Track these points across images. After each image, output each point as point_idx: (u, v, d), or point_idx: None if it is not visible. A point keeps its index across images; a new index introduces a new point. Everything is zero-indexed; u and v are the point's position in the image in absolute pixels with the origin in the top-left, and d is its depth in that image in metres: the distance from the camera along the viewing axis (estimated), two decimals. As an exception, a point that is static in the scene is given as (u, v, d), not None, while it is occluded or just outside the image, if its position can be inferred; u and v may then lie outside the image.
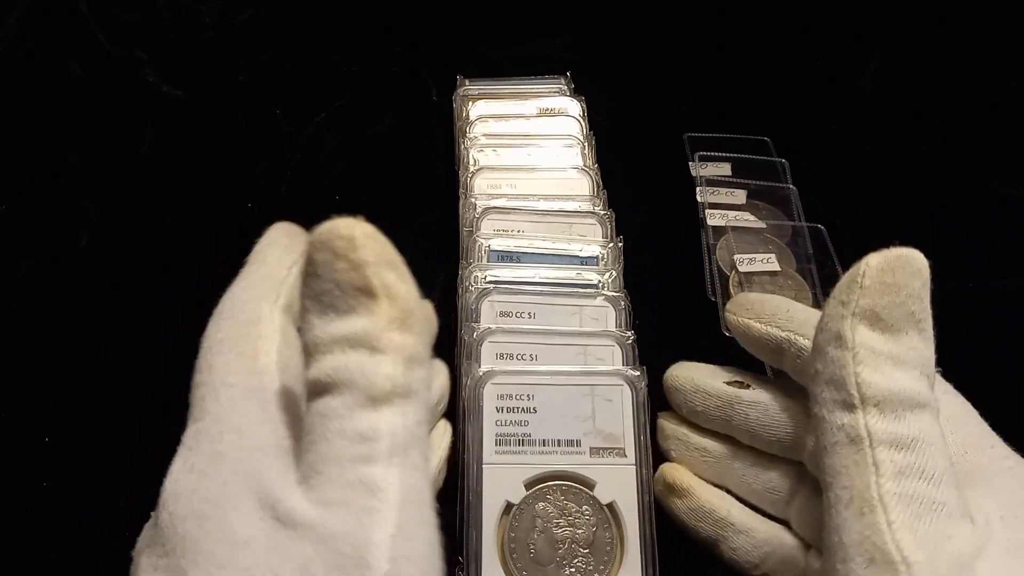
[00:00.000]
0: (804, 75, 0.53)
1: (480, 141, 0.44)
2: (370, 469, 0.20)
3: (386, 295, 0.21)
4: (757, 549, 0.30)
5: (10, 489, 0.33)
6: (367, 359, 0.21)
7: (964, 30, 0.57)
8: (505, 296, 0.36)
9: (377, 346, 0.21)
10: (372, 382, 0.21)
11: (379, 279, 0.21)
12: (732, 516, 0.30)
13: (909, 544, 0.21)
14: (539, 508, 0.31)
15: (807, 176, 0.45)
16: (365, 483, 0.20)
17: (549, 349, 0.34)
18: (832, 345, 0.24)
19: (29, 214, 0.43)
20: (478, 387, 0.32)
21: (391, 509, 0.20)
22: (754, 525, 0.30)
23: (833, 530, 0.23)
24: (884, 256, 0.24)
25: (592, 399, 0.33)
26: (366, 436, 0.21)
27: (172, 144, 0.47)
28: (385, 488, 0.20)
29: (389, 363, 0.21)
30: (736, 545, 0.30)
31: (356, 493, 0.20)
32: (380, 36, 0.53)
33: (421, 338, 0.22)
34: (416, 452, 0.21)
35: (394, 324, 0.22)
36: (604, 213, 0.40)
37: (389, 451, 0.21)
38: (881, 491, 0.22)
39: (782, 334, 0.29)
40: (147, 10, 0.54)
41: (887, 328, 0.24)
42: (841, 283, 0.25)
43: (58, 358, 0.38)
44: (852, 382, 0.24)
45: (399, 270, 0.22)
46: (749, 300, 0.31)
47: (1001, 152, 0.49)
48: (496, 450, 0.31)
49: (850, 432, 0.23)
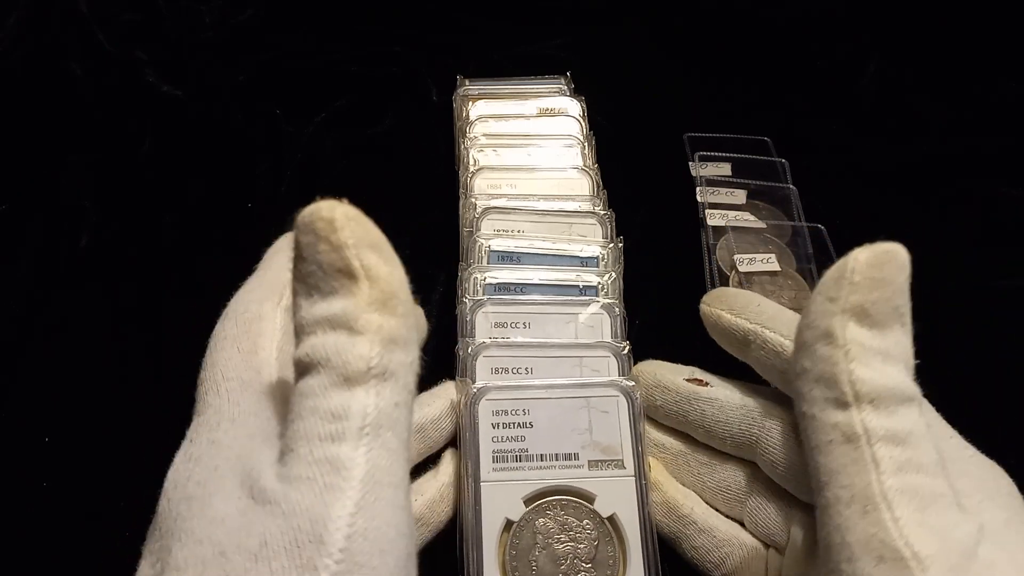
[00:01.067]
0: (804, 75, 0.53)
1: (480, 141, 0.44)
2: (338, 447, 0.20)
3: (366, 276, 0.22)
4: (718, 549, 0.30)
5: (10, 489, 0.33)
6: (344, 339, 0.21)
7: (964, 30, 0.57)
8: (499, 307, 0.36)
9: (355, 327, 0.21)
10: (346, 361, 0.21)
11: (359, 260, 0.21)
12: (694, 514, 0.31)
13: (918, 539, 0.21)
14: (539, 524, 0.30)
15: (807, 176, 0.45)
16: (331, 461, 0.20)
17: (544, 362, 0.34)
18: (821, 342, 0.24)
19: (29, 214, 0.43)
20: (473, 404, 0.32)
21: (354, 487, 0.20)
22: (715, 524, 0.31)
23: (834, 530, 0.23)
24: (872, 251, 0.24)
25: (588, 411, 0.32)
26: (337, 415, 0.21)
27: (172, 144, 0.47)
28: (350, 466, 0.20)
29: (366, 343, 0.21)
30: (698, 544, 0.31)
31: (321, 470, 0.20)
32: (380, 36, 0.53)
33: (404, 320, 0.22)
34: (390, 434, 0.21)
35: (374, 305, 0.22)
36: (604, 213, 0.40)
37: (359, 430, 0.21)
38: (883, 488, 0.22)
39: (749, 326, 0.30)
40: (147, 10, 0.54)
41: (875, 324, 0.24)
42: (827, 279, 0.25)
43: (58, 358, 0.38)
44: (845, 380, 0.23)
45: (382, 251, 0.22)
46: (724, 292, 0.32)
47: (1001, 152, 0.49)
48: (494, 467, 0.31)
49: (845, 430, 0.23)
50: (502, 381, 0.33)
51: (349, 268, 0.21)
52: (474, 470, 0.31)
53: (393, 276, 0.22)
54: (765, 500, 0.30)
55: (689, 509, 0.31)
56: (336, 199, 0.22)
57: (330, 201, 0.22)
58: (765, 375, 0.30)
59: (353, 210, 0.22)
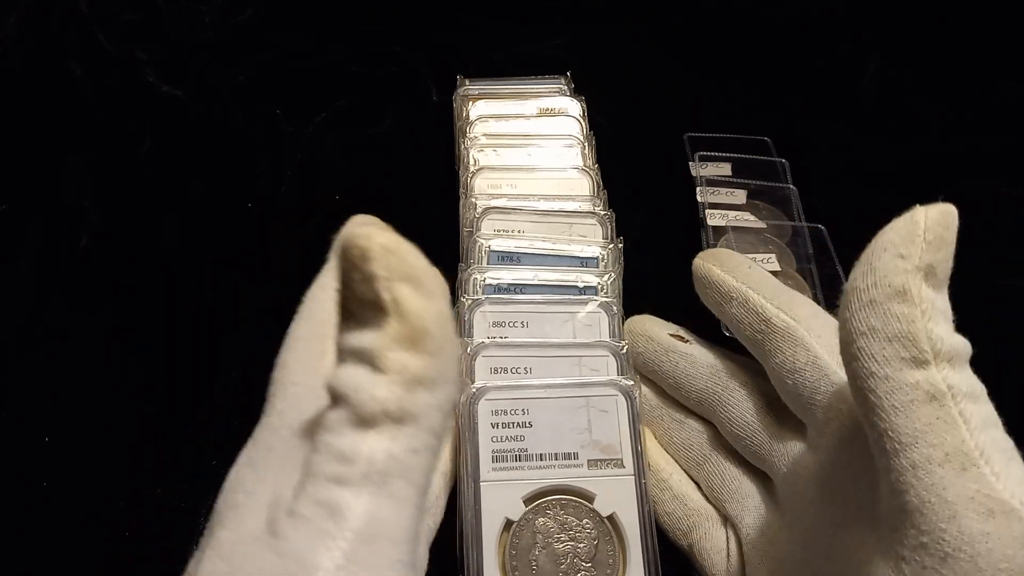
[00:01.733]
0: (804, 75, 0.53)
1: (480, 141, 0.44)
2: (340, 491, 0.20)
3: (395, 311, 0.20)
4: (687, 518, 0.32)
5: (10, 489, 0.33)
6: (365, 376, 0.20)
7: (964, 30, 0.57)
8: (497, 306, 0.36)
9: (378, 364, 0.20)
10: (362, 401, 0.20)
11: (389, 294, 0.20)
12: (671, 480, 0.33)
13: (1021, 490, 0.21)
14: (539, 524, 0.30)
15: (807, 176, 0.45)
16: (331, 505, 0.19)
17: (543, 361, 0.34)
18: (895, 300, 0.23)
19: (29, 214, 0.43)
20: (472, 404, 0.32)
21: (347, 538, 0.19)
22: (688, 494, 0.33)
23: (927, 489, 0.22)
24: (939, 211, 0.24)
25: (587, 411, 0.32)
26: (345, 456, 0.20)
27: (172, 144, 0.47)
28: (348, 515, 0.19)
29: (385, 384, 0.20)
30: (670, 510, 0.33)
31: (321, 513, 0.19)
32: (380, 36, 0.53)
33: (434, 359, 0.21)
34: (402, 482, 0.20)
35: (401, 343, 0.20)
36: (604, 213, 0.40)
37: (363, 476, 0.20)
38: (978, 443, 0.22)
39: (735, 283, 0.32)
40: (147, 10, 0.54)
41: (937, 284, 0.24)
42: (894, 236, 0.24)
43: (58, 358, 0.38)
44: (924, 337, 0.23)
45: (418, 284, 0.20)
46: (718, 252, 0.34)
47: (1001, 152, 0.49)
48: (493, 467, 0.31)
49: (928, 388, 0.23)
50: (501, 381, 0.33)
51: (379, 301, 0.20)
52: (474, 470, 0.31)
53: (427, 311, 0.21)
54: (722, 465, 0.32)
55: (668, 475, 0.33)
56: (377, 223, 0.21)
57: (365, 227, 0.20)
58: (737, 334, 0.32)
59: (390, 237, 0.20)
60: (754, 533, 0.30)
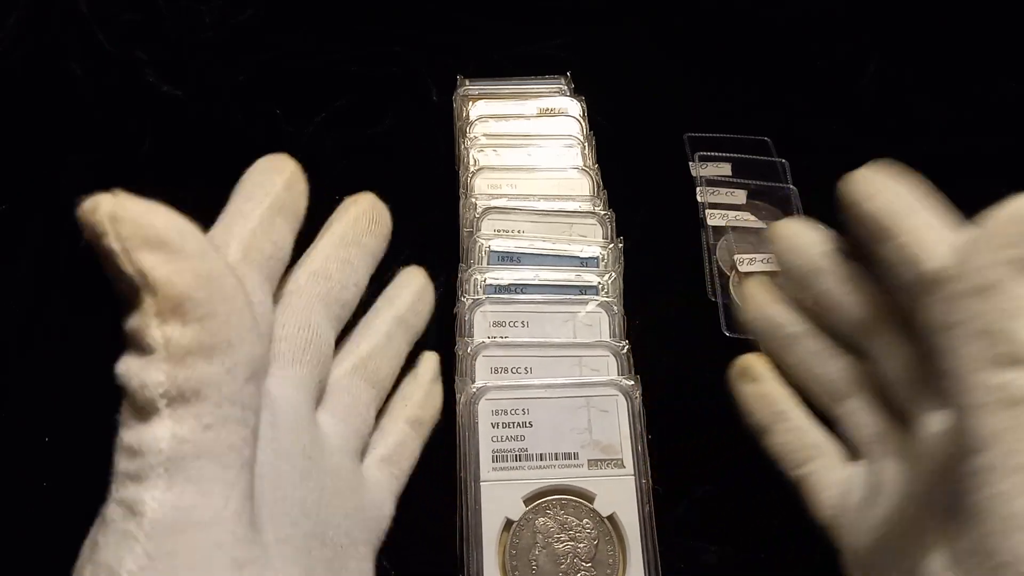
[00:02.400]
0: (804, 75, 0.53)
1: (480, 141, 0.44)
2: (136, 488, 0.18)
3: (144, 284, 0.18)
4: (803, 451, 0.31)
5: (10, 489, 0.33)
6: (136, 362, 0.19)
7: (964, 30, 0.56)
8: (497, 306, 0.36)
9: (143, 345, 0.19)
10: (135, 388, 0.19)
11: (132, 266, 0.18)
12: (790, 412, 0.32)
13: None
14: (539, 523, 0.30)
15: (807, 176, 0.45)
16: (129, 504, 0.18)
17: (543, 361, 0.34)
18: (984, 295, 0.23)
19: (29, 214, 0.43)
20: (472, 404, 0.32)
21: (144, 537, 0.18)
22: (807, 427, 0.31)
23: (996, 498, 0.21)
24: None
25: (588, 411, 0.33)
26: (134, 450, 0.19)
27: (172, 144, 0.47)
28: (143, 511, 0.18)
29: (153, 365, 0.19)
30: (784, 440, 0.31)
31: (123, 514, 0.18)
32: (380, 36, 0.53)
33: (203, 324, 0.19)
34: (201, 463, 0.19)
35: (161, 316, 0.19)
36: (604, 213, 0.40)
37: (153, 468, 0.18)
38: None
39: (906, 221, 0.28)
40: (147, 10, 0.54)
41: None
42: (989, 228, 0.24)
43: (58, 358, 0.38)
44: (1016, 338, 0.22)
45: (161, 246, 0.19)
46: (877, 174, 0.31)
47: (1001, 152, 0.49)
48: (493, 467, 0.31)
49: (1011, 392, 0.21)
50: (501, 381, 0.33)
51: (127, 277, 0.18)
52: (474, 470, 0.31)
53: (180, 274, 0.19)
54: (867, 405, 0.30)
55: (787, 405, 0.32)
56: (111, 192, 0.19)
57: (92, 199, 0.19)
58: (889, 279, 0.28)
59: (123, 201, 0.19)
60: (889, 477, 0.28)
